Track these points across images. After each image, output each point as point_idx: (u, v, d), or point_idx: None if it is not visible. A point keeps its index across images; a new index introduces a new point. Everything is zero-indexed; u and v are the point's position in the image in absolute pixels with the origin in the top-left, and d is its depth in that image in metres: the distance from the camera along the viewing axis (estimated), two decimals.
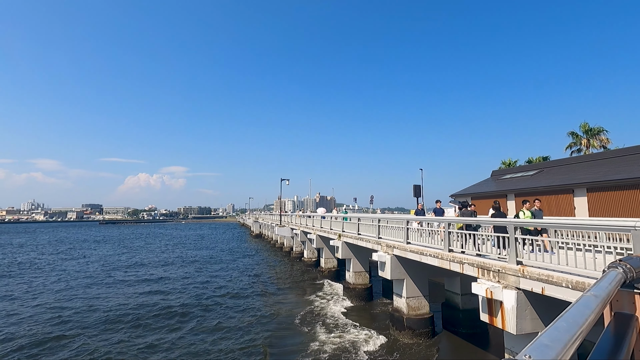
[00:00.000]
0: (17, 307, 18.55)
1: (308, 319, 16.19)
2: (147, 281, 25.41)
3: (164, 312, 17.26)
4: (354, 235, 18.71)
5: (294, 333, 14.57)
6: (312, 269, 28.16)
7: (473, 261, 9.42)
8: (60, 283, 24.89)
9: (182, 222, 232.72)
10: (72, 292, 22.04)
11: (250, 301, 19.74)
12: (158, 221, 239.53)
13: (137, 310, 17.56)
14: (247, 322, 15.91)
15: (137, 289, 22.62)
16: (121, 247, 54.74)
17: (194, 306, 18.45)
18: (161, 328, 15.09)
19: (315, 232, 25.80)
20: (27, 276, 28.04)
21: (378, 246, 15.19)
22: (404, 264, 13.43)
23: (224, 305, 18.76)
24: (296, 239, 33.45)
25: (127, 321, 15.94)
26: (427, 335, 13.03)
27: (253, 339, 13.87)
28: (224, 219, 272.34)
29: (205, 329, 15.04)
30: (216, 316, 16.80)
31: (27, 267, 33.37)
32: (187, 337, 14.06)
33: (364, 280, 19.55)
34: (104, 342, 13.51)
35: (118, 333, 14.45)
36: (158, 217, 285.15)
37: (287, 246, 39.92)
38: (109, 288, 23.12)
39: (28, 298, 20.59)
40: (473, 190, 27.91)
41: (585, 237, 9.04)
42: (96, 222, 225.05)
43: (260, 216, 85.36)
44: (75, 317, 16.66)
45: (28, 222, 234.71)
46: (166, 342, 13.43)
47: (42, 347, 13.03)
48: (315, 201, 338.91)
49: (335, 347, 12.89)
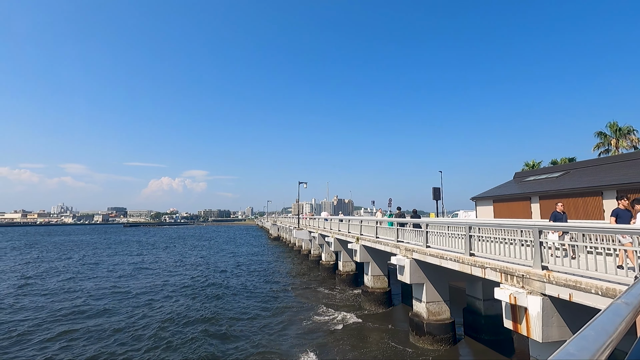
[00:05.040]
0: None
1: (325, 324, 16.15)
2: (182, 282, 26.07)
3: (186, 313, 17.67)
4: (372, 238, 18.56)
5: (311, 337, 14.55)
6: (330, 272, 28.08)
7: (495, 265, 9.16)
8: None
9: (202, 224, 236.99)
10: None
11: (267, 305, 19.85)
12: (179, 224, 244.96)
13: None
14: (259, 326, 16.03)
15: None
16: (167, 251, 56.31)
17: (210, 300, 18.76)
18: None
19: (333, 235, 25.74)
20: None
21: (397, 249, 15.01)
22: (423, 268, 13.21)
23: (241, 309, 18.94)
24: (314, 242, 33.47)
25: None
26: (448, 341, 12.75)
27: (265, 344, 13.94)
28: (243, 222, 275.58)
29: (215, 334, 15.23)
30: (228, 322, 16.95)
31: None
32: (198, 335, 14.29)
33: (383, 284, 19.34)
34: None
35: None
36: (179, 220, 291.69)
37: (305, 249, 39.98)
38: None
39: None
40: (495, 193, 27.19)
41: (616, 241, 8.64)
42: (120, 224, 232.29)
43: (278, 219, 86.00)
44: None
45: (57, 224, 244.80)
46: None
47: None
48: (333, 204, 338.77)
49: (354, 352, 12.82)
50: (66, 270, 32.79)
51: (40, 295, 22.04)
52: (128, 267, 34.74)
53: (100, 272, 31.85)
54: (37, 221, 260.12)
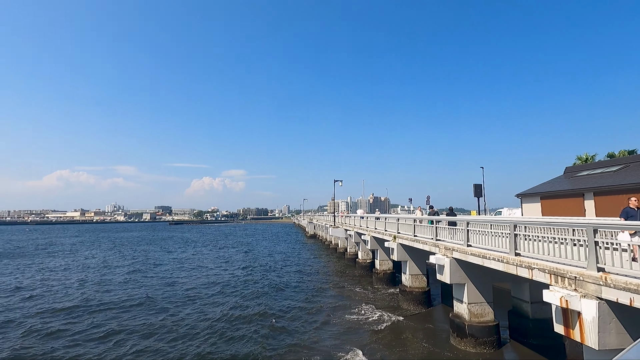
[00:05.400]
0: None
1: (364, 323, 16.08)
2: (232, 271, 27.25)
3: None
4: (409, 236, 18.17)
5: (352, 336, 14.54)
6: (367, 270, 27.87)
7: (544, 266, 8.61)
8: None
9: (241, 222, 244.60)
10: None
11: (306, 303, 20.11)
12: (220, 222, 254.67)
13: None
14: (301, 322, 16.27)
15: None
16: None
17: (249, 298, 19.35)
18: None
19: (369, 233, 25.51)
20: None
21: (435, 248, 14.59)
22: (464, 268, 12.72)
23: (283, 307, 19.33)
24: (350, 240, 33.38)
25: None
26: (492, 345, 12.19)
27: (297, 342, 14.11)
28: (280, 220, 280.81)
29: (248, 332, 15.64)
30: (273, 318, 17.35)
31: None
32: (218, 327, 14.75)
33: (422, 284, 18.87)
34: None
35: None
36: (220, 218, 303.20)
37: (342, 247, 39.98)
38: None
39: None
40: (543, 189, 25.54)
41: None
42: (166, 222, 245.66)
43: (314, 217, 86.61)
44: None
45: (111, 222, 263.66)
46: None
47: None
48: (369, 202, 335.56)
49: (396, 352, 12.66)
50: (132, 264, 35.38)
51: (117, 288, 23.93)
52: (180, 264, 36.76)
53: (162, 267, 34.02)
54: (94, 219, 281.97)
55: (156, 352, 12.63)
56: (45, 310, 18.10)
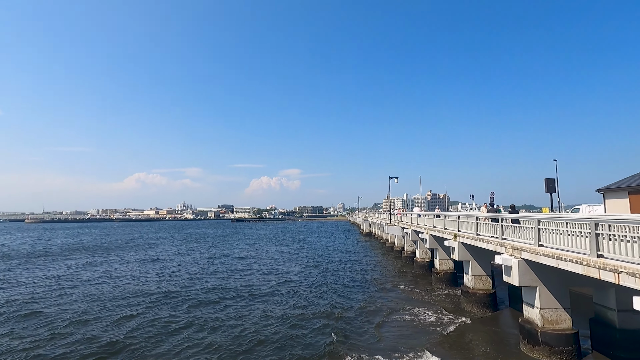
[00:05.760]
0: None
1: (425, 325, 15.59)
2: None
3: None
4: (472, 235, 17.17)
5: (414, 338, 14.20)
6: (426, 270, 26.93)
7: (635, 270, 7.58)
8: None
9: (297, 220, 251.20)
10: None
11: (366, 303, 20.03)
12: (278, 219, 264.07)
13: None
14: (362, 321, 16.25)
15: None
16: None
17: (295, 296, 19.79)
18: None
19: (427, 231, 24.60)
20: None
21: (501, 248, 13.60)
22: (535, 270, 11.70)
23: (344, 306, 19.47)
24: (407, 238, 32.49)
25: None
26: (569, 355, 11.04)
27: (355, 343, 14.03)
28: (335, 218, 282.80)
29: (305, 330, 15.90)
30: (338, 317, 17.53)
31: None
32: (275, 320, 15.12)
33: (486, 286, 17.73)
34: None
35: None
36: (277, 216, 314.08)
37: (398, 245, 39.10)
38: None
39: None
40: (632, 183, 22.46)
41: None
42: (229, 220, 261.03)
43: (369, 215, 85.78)
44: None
45: (181, 220, 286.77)
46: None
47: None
48: (427, 199, 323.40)
49: (461, 356, 12.11)
50: (210, 259, 38.47)
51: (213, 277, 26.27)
52: (249, 259, 38.98)
53: (235, 262, 36.49)
54: (166, 217, 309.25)
55: (237, 336, 13.53)
56: (154, 292, 20.41)
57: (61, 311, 17.54)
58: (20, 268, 31.99)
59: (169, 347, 12.95)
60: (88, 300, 19.88)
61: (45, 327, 15.04)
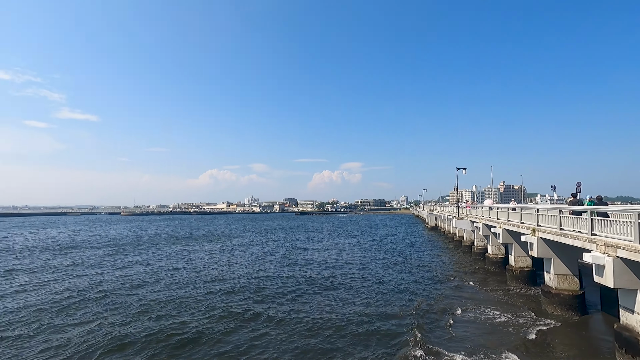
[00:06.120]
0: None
1: (503, 326, 14.56)
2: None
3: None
4: (554, 230, 15.48)
5: (493, 340, 13.37)
6: (499, 266, 25.04)
7: None
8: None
9: (359, 213, 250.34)
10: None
11: (435, 301, 19.36)
12: (340, 213, 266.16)
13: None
14: (433, 320, 15.74)
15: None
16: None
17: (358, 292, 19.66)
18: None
19: (500, 225, 22.78)
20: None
21: (591, 244, 12.05)
22: (636, 270, 10.17)
23: (415, 305, 19.06)
24: (477, 232, 30.48)
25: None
26: None
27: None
28: (398, 211, 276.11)
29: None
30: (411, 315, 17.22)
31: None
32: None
33: (572, 286, 15.91)
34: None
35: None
36: (339, 209, 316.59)
37: (468, 240, 36.89)
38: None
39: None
40: None
41: None
42: (293, 213, 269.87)
43: (435, 208, 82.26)
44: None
45: (249, 213, 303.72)
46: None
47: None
48: (499, 191, 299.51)
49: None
50: (288, 249, 40.75)
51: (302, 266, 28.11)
52: (321, 250, 40.26)
53: (308, 252, 38.14)
54: (236, 210, 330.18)
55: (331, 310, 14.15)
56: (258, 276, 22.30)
57: (168, 292, 19.87)
58: (131, 253, 36.84)
59: (249, 336, 13.51)
60: (182, 285, 22.08)
61: (147, 308, 17.15)
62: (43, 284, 22.43)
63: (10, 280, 23.43)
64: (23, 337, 13.32)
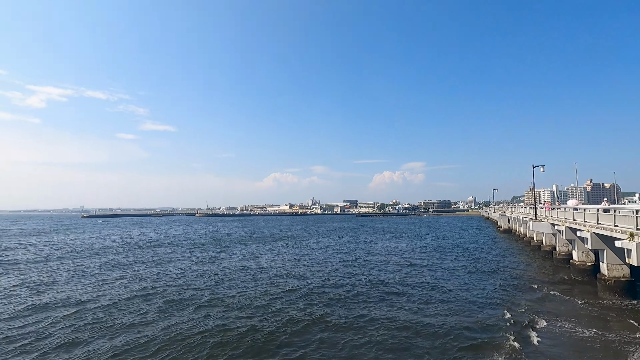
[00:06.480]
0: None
1: (590, 345, 13.01)
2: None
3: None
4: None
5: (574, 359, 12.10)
6: (587, 275, 22.32)
7: None
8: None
9: (423, 215, 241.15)
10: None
11: (517, 317, 18.05)
12: (402, 214, 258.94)
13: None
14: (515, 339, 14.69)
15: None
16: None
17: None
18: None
19: (589, 229, 20.32)
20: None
21: None
22: None
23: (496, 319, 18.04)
24: (559, 236, 27.50)
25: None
26: None
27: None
28: (465, 213, 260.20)
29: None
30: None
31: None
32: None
33: None
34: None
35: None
36: (401, 210, 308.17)
37: (548, 245, 33.49)
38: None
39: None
40: None
41: None
42: (354, 214, 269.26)
43: (507, 209, 76.28)
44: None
45: (311, 214, 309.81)
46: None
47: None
48: (585, 190, 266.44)
49: None
50: (361, 253, 41.53)
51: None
52: (395, 252, 40.12)
53: (378, 255, 38.40)
54: (299, 212, 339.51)
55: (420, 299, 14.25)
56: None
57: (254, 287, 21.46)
58: (213, 251, 40.36)
59: (325, 339, 13.48)
60: (256, 283, 23.43)
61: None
62: (149, 275, 25.50)
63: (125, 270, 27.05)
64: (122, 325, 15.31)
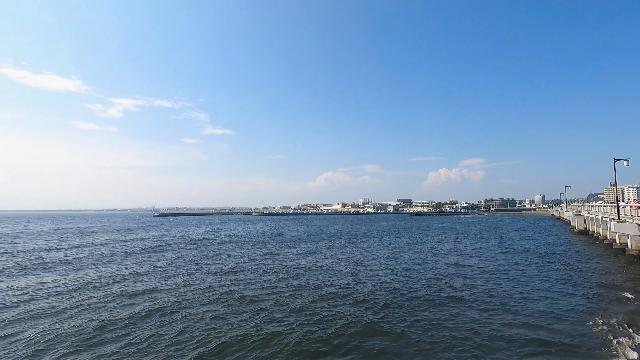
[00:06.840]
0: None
1: None
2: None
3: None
4: None
5: None
6: None
7: None
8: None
9: (483, 214, 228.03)
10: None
11: (582, 326, 17.22)
12: (459, 213, 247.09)
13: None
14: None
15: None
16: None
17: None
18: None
19: None
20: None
21: None
22: None
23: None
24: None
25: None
26: None
27: None
28: (532, 212, 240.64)
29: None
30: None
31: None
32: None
33: None
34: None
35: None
36: (459, 209, 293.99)
37: (635, 248, 30.50)
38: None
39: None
40: None
41: None
42: (408, 214, 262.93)
43: (583, 208, 69.68)
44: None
45: (363, 214, 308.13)
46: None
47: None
48: None
49: None
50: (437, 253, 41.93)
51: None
52: (460, 253, 39.69)
53: (449, 255, 38.40)
54: (351, 211, 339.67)
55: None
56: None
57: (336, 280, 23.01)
58: (284, 247, 43.09)
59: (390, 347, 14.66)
60: (324, 284, 24.91)
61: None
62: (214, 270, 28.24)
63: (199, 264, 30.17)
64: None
